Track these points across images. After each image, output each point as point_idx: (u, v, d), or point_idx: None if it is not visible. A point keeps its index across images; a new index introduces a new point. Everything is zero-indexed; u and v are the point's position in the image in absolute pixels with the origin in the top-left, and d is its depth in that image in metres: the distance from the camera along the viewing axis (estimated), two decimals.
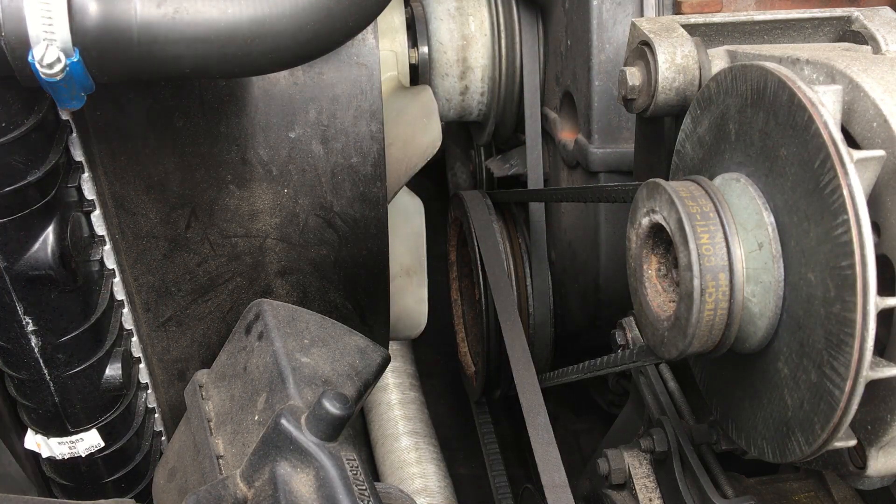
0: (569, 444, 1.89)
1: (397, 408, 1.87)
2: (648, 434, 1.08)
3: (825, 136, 0.64)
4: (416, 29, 1.51)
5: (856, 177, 0.62)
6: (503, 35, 1.50)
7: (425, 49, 1.51)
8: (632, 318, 1.19)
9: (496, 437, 1.78)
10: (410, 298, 1.44)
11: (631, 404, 1.23)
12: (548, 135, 1.49)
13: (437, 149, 1.18)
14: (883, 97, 0.67)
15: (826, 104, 0.67)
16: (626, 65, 0.96)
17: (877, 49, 0.92)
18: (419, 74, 1.51)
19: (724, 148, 0.81)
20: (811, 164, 0.65)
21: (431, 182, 2.19)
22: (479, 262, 1.56)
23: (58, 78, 0.67)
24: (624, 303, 1.22)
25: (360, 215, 1.06)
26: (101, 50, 0.69)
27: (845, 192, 0.61)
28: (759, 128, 0.74)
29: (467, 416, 1.88)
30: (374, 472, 1.78)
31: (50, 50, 0.67)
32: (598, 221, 1.33)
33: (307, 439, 0.74)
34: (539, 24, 1.46)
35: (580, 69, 1.29)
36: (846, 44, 0.94)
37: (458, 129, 1.91)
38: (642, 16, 1.25)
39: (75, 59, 0.68)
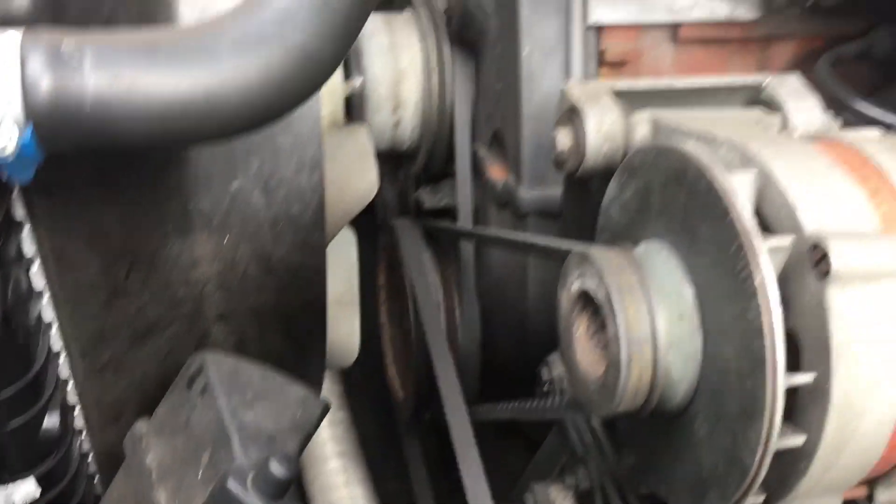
0: (495, 461, 1.95)
1: (326, 429, 1.89)
2: (573, 470, 1.14)
3: (740, 227, 0.70)
4: (349, 64, 1.54)
5: (769, 265, 0.68)
6: (435, 72, 1.54)
7: (359, 84, 1.54)
8: (557, 357, 1.25)
9: (423, 456, 1.83)
10: (343, 329, 1.47)
11: (555, 435, 1.29)
12: (478, 170, 1.53)
13: (373, 194, 1.22)
14: (790, 184, 0.73)
15: (741, 192, 0.74)
16: (556, 126, 1.01)
17: (785, 119, 1.00)
18: (353, 108, 1.54)
19: (648, 217, 0.87)
20: (728, 249, 0.72)
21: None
22: (410, 291, 1.60)
23: (9, 158, 0.68)
24: (551, 340, 1.28)
25: (300, 262, 1.09)
26: (53, 125, 0.70)
27: (758, 281, 0.68)
28: (680, 205, 0.80)
29: (395, 429, 1.92)
30: (302, 494, 1.80)
31: (2, 128, 0.67)
32: (525, 261, 1.38)
33: (254, 501, 0.77)
34: (471, 65, 1.51)
35: (510, 115, 1.34)
36: (758, 112, 1.02)
37: (388, 157, 1.94)
38: (569, 67, 1.30)
39: (28, 137, 0.69)
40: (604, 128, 0.95)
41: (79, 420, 1.09)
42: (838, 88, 1.31)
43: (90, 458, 1.14)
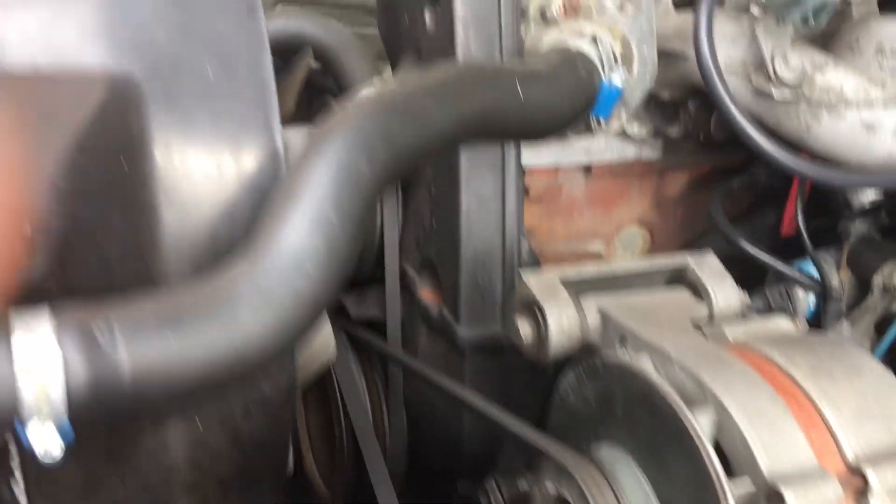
0: None
1: None
2: None
3: (713, 475, 0.82)
4: None
5: None
6: None
7: None
8: (494, 484, 1.35)
9: None
10: None
11: None
12: (407, 287, 1.60)
13: (331, 358, 1.27)
14: (745, 425, 0.86)
15: (706, 430, 0.86)
16: (517, 316, 1.10)
17: (710, 306, 1.14)
18: None
19: (609, 421, 0.98)
20: (699, 489, 0.84)
21: None
22: (339, 400, 1.65)
23: (54, 457, 0.69)
24: (489, 458, 1.38)
25: (269, 436, 1.13)
26: (91, 412, 0.72)
27: None
28: (646, 426, 0.92)
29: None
30: None
31: (45, 428, 0.69)
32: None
33: None
34: (398, 193, 1.57)
35: (448, 256, 1.42)
36: (687, 297, 1.15)
37: None
38: (504, 211, 1.40)
39: (68, 429, 0.71)
40: (564, 324, 1.06)
41: None
42: (727, 228, 1.51)
43: None
